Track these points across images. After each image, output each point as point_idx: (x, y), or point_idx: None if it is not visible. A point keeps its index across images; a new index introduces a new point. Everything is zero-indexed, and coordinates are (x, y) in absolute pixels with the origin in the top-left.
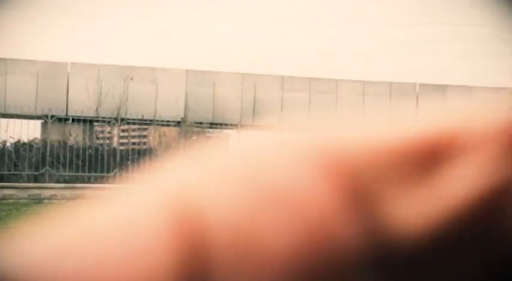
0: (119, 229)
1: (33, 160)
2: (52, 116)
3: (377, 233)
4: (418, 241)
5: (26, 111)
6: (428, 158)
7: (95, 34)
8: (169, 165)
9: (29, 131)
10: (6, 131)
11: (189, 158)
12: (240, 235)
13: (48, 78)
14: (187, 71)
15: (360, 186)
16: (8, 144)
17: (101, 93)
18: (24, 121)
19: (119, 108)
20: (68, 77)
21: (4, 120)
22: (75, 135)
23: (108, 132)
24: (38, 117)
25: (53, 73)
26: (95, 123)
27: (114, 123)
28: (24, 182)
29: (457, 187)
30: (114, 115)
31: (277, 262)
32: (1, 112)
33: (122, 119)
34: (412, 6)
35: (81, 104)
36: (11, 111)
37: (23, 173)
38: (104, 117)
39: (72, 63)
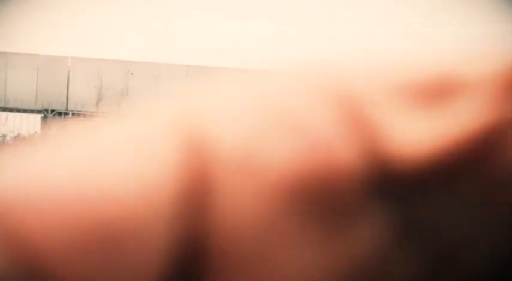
0: (120, 149)
1: None
2: (52, 110)
3: (377, 154)
4: (418, 164)
5: (26, 105)
6: (433, 93)
7: (95, 28)
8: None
9: (29, 125)
10: (4, 125)
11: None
12: (246, 154)
13: (48, 72)
14: (188, 66)
15: (360, 110)
16: (7, 138)
17: (101, 88)
18: (24, 115)
19: (119, 103)
20: (68, 71)
21: (4, 114)
22: None
23: None
24: (38, 112)
25: (53, 67)
26: None
27: None
28: None
29: (457, 119)
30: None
31: (279, 183)
32: (1, 106)
33: None
34: (412, 6)
35: (82, 98)
36: (11, 105)
37: None
38: (104, 112)
39: (72, 58)
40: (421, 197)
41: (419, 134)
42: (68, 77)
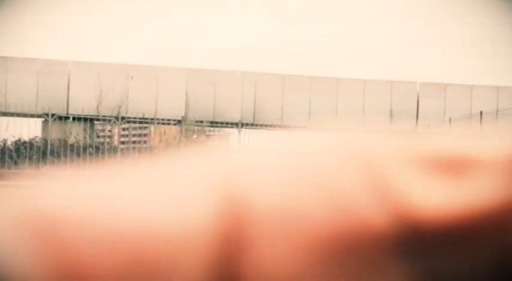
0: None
1: (34, 158)
2: (53, 115)
3: (399, 216)
4: (436, 229)
5: (26, 110)
6: (453, 165)
7: (95, 32)
8: (214, 148)
9: (30, 129)
10: (6, 129)
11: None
12: (281, 210)
13: (49, 77)
14: (187, 69)
15: (384, 175)
16: (8, 142)
17: (101, 92)
18: (25, 119)
19: (120, 107)
20: (68, 75)
21: (5, 119)
22: (76, 134)
23: (109, 131)
24: (39, 116)
25: (53, 71)
26: (96, 122)
27: (114, 122)
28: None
29: (476, 192)
30: (115, 114)
31: (311, 243)
32: (2, 111)
33: (123, 118)
34: (412, 5)
35: (82, 102)
36: (12, 109)
37: (23, 171)
38: (105, 116)
39: (73, 62)
40: (438, 254)
41: (438, 200)
42: (69, 80)
